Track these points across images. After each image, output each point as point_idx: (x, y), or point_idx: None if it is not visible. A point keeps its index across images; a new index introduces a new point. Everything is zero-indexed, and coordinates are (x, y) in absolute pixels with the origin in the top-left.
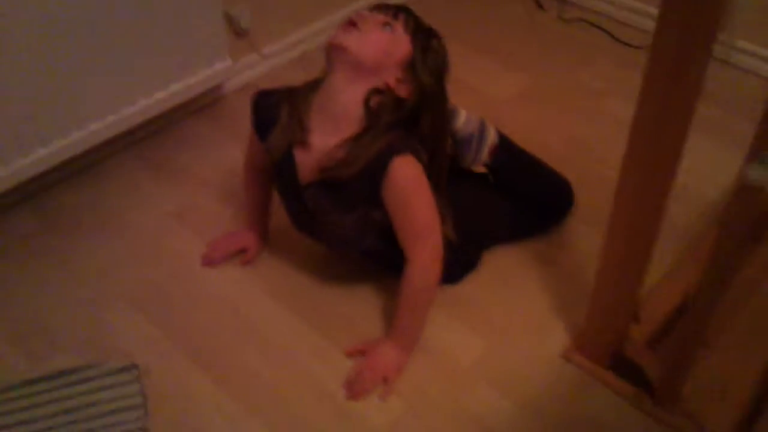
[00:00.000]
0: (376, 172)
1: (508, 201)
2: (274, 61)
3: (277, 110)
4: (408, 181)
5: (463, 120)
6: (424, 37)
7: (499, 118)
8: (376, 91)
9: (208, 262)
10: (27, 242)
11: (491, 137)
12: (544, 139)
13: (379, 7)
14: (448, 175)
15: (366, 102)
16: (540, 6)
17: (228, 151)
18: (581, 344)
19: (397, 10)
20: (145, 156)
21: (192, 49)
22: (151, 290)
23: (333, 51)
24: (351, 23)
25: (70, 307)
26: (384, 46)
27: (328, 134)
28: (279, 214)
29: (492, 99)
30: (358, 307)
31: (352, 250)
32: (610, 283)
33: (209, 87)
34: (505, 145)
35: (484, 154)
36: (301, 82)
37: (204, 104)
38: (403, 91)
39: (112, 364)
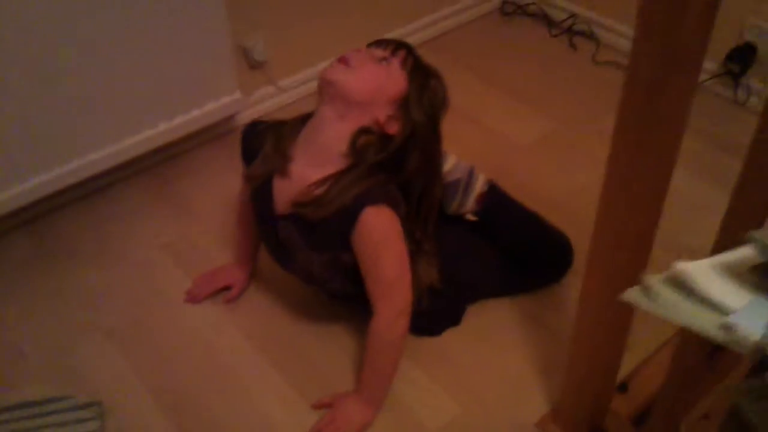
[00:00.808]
0: (347, 218)
1: (498, 253)
2: (290, 94)
3: (263, 140)
4: (378, 232)
5: (451, 165)
6: (422, 75)
7: (512, 163)
8: (365, 130)
9: (191, 298)
10: (21, 267)
11: (479, 185)
12: (553, 188)
13: (378, 43)
14: (437, 220)
15: (353, 140)
16: (573, 46)
17: (233, 183)
18: (558, 414)
19: (397, 47)
20: (150, 184)
21: (199, 81)
22: (130, 324)
23: (324, 85)
24: (344, 59)
25: (49, 336)
26: (377, 81)
27: (310, 166)
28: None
29: (510, 143)
30: (333, 355)
31: (322, 289)
32: (587, 348)
33: (217, 120)
34: (495, 195)
35: (470, 202)
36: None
37: (215, 135)
38: (392, 128)
39: (76, 400)
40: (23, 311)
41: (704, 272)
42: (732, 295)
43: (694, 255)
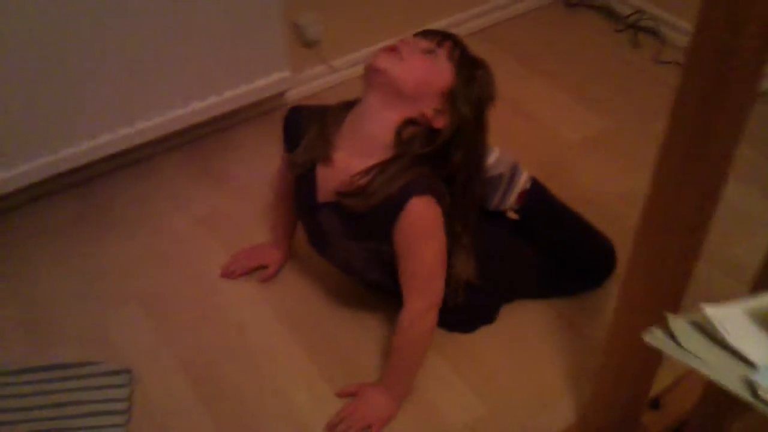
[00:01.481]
0: (392, 209)
1: (539, 255)
2: (341, 74)
3: (307, 126)
4: (422, 224)
5: (495, 158)
6: (469, 67)
7: (559, 160)
8: (411, 121)
9: (227, 274)
10: (62, 229)
11: (522, 182)
12: (600, 189)
13: (424, 33)
14: (478, 215)
15: (398, 131)
16: (636, 44)
17: (277, 161)
18: (585, 426)
19: (443, 38)
20: (194, 157)
21: (250, 57)
22: (163, 294)
23: (371, 73)
24: (393, 48)
25: (83, 300)
26: (424, 73)
27: (354, 156)
28: (303, 232)
29: (561, 141)
30: (363, 343)
31: (359, 279)
32: (618, 360)
33: (266, 96)
34: (538, 193)
35: (512, 199)
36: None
37: (263, 111)
38: (439, 122)
39: (107, 366)
40: (61, 273)
41: (735, 319)
42: (764, 348)
43: (740, 270)
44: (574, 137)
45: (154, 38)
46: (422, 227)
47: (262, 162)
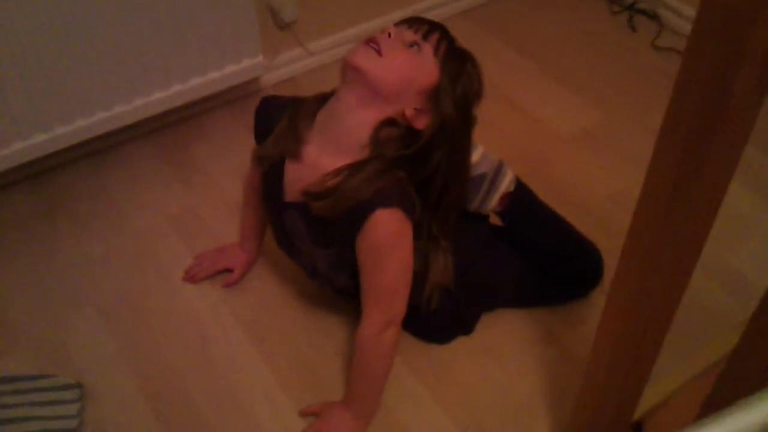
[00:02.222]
0: (356, 217)
1: (522, 261)
2: (320, 57)
3: (278, 118)
4: (386, 237)
5: (478, 157)
6: (455, 62)
7: (547, 155)
8: (389, 121)
9: (189, 278)
10: (19, 225)
11: (506, 183)
12: (589, 188)
13: (409, 22)
14: (459, 217)
15: (375, 131)
16: (633, 27)
17: (248, 150)
18: None
19: (430, 29)
20: (162, 146)
21: (219, 42)
22: (123, 299)
23: (348, 70)
24: (372, 41)
25: (40, 304)
26: (406, 71)
27: (325, 154)
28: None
29: (548, 132)
30: (330, 357)
31: (326, 284)
32: (601, 378)
33: (236, 84)
34: (522, 196)
35: (494, 202)
36: (312, 94)
37: (237, 97)
38: (420, 123)
39: (58, 379)
40: (16, 274)
41: None
42: None
43: (741, 282)
44: (563, 129)
45: (114, 23)
46: (385, 241)
47: (233, 153)
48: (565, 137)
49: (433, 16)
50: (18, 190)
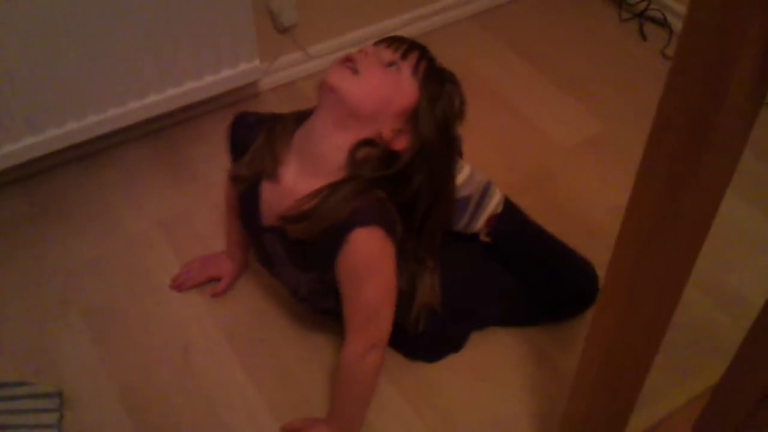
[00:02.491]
0: (334, 239)
1: (512, 280)
2: (320, 61)
3: (254, 135)
4: (366, 257)
5: (465, 177)
6: (435, 82)
7: (547, 166)
8: (366, 142)
9: (176, 286)
10: (10, 228)
11: (492, 205)
12: (589, 202)
13: (389, 42)
14: (445, 236)
15: (351, 152)
16: (643, 36)
17: None
18: None
19: (409, 48)
20: (157, 149)
21: (216, 46)
22: (108, 306)
23: (324, 90)
24: (349, 60)
25: (26, 309)
26: (383, 92)
27: (302, 177)
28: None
29: (551, 144)
30: (315, 373)
31: (309, 307)
32: (586, 403)
33: (231, 88)
34: (509, 218)
35: (480, 223)
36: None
37: (236, 100)
38: (398, 144)
39: (37, 387)
40: (3, 277)
41: None
42: None
43: (738, 302)
44: (567, 141)
45: (105, 24)
46: (365, 261)
47: (228, 159)
48: (568, 148)
49: (439, 20)
50: (9, 193)
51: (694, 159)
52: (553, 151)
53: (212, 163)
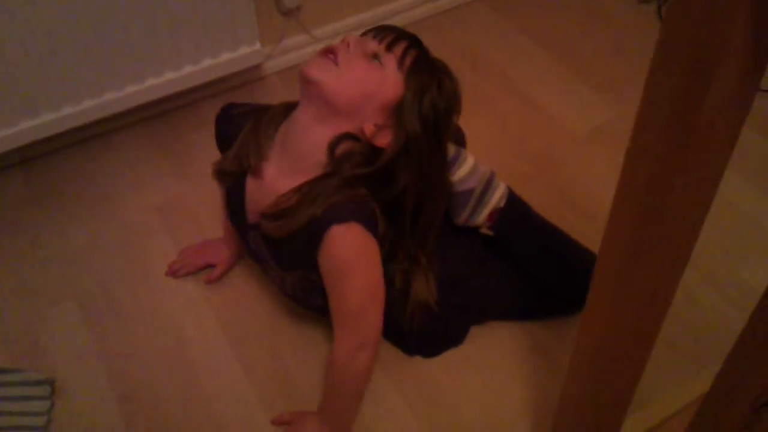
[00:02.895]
0: (311, 237)
1: (514, 272)
2: (325, 43)
3: (237, 128)
4: (344, 256)
5: (467, 170)
6: (423, 76)
7: (557, 154)
8: (347, 136)
9: (172, 273)
10: (7, 212)
11: (495, 199)
12: (598, 192)
13: (376, 31)
14: (442, 230)
15: (330, 146)
16: (662, 19)
17: None
18: None
19: (395, 39)
20: (157, 134)
21: (214, 30)
22: (103, 293)
23: (303, 83)
24: (330, 51)
25: (20, 295)
26: (363, 85)
27: (283, 174)
28: None
29: (563, 131)
30: (309, 364)
31: (298, 303)
32: (576, 404)
33: (233, 71)
34: (513, 210)
35: (482, 217)
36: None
37: (238, 84)
38: (381, 140)
39: (28, 374)
40: (1, 264)
41: None
42: None
43: (751, 298)
44: (579, 128)
45: (101, 7)
46: (345, 259)
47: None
48: (579, 136)
49: (447, 1)
50: (7, 178)
51: (679, 157)
52: (564, 138)
53: (213, 149)
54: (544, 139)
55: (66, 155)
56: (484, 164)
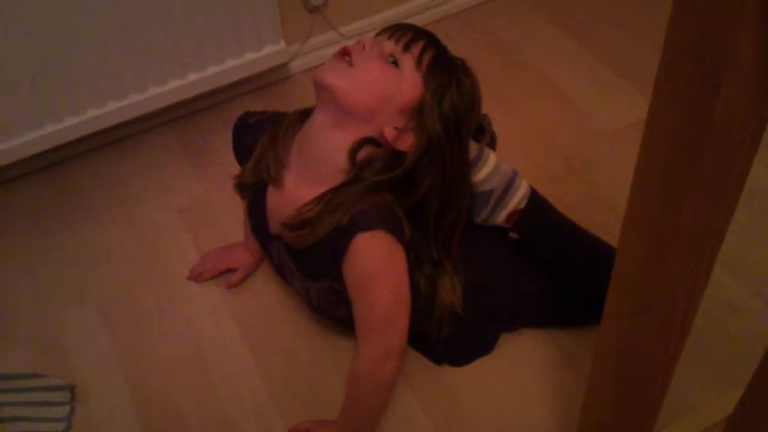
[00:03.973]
0: (336, 247)
1: (541, 277)
2: (353, 41)
3: (255, 138)
4: (370, 265)
5: (488, 172)
6: (442, 76)
7: (588, 151)
8: (368, 140)
9: (194, 277)
10: (31, 216)
11: (516, 200)
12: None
13: (393, 31)
14: (470, 233)
15: (351, 152)
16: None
17: None
18: None
19: (413, 39)
20: (183, 136)
21: (237, 30)
22: (124, 297)
23: (318, 88)
24: (345, 53)
25: (42, 298)
26: (380, 88)
27: (303, 183)
28: None
29: (594, 128)
30: (328, 373)
31: (323, 316)
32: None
33: (256, 72)
34: (535, 212)
35: (501, 217)
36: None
37: (265, 83)
38: (402, 144)
39: (49, 380)
40: (22, 266)
41: None
42: None
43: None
44: (612, 125)
45: (122, 8)
46: (372, 267)
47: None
48: (612, 133)
49: None
50: (31, 182)
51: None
52: (597, 135)
53: None
54: (576, 135)
55: (89, 160)
56: (509, 164)
